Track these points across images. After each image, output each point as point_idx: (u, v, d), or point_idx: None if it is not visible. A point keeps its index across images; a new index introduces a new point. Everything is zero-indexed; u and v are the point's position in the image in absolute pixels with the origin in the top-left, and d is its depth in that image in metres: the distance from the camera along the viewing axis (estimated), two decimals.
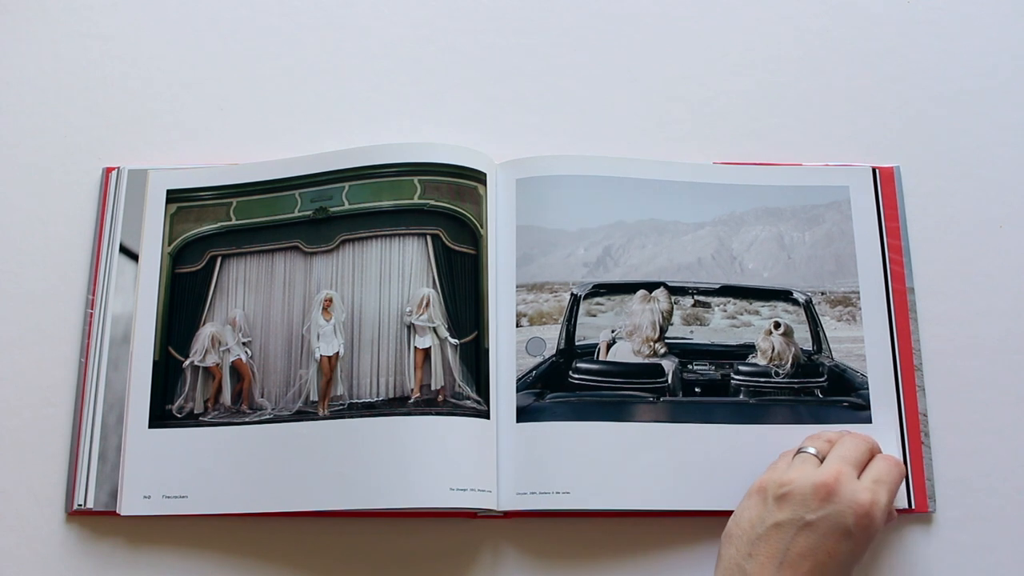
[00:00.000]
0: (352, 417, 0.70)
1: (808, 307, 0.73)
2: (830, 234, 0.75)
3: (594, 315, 0.74)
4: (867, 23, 0.83)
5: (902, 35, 0.82)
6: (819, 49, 0.82)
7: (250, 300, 0.75)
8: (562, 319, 0.73)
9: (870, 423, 0.70)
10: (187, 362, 0.74)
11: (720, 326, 0.73)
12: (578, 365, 0.72)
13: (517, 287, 0.73)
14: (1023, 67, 0.81)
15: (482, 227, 0.74)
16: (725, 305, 0.74)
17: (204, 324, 0.75)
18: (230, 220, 0.76)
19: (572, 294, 0.74)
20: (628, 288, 0.74)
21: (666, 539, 0.70)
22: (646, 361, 0.73)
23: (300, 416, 0.71)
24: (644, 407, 0.71)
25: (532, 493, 0.69)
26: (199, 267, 0.76)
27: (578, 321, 0.73)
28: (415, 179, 0.74)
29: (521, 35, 0.83)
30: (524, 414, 0.70)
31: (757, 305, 0.74)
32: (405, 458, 0.68)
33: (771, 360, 0.72)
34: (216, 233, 0.76)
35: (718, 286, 0.74)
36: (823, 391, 0.72)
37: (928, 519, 0.70)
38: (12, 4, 0.84)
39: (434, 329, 0.72)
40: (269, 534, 0.71)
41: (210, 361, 0.74)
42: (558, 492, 0.68)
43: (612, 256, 0.75)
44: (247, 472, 0.70)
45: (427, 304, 0.72)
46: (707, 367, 0.72)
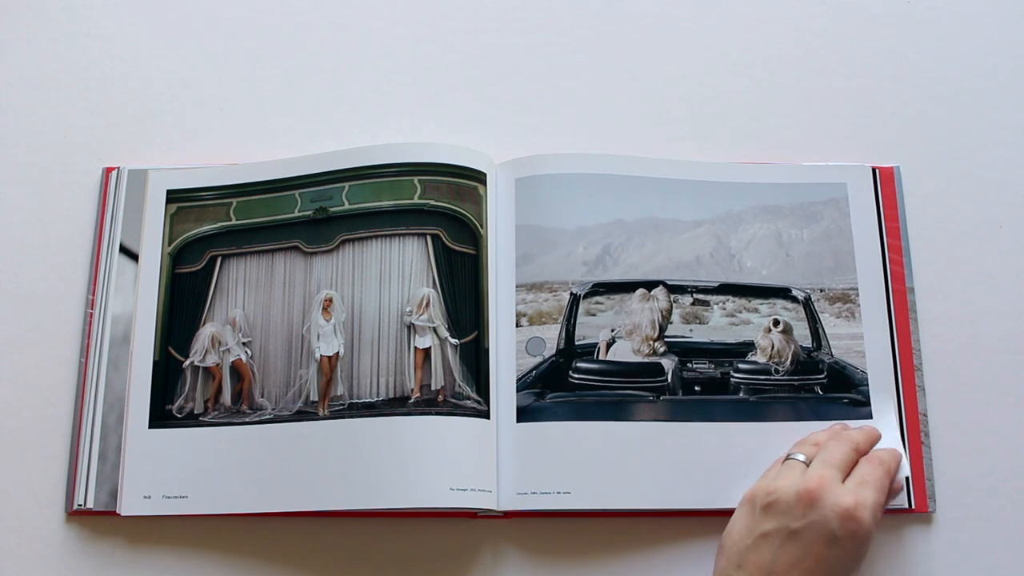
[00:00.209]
0: (352, 417, 0.70)
1: (807, 304, 0.73)
2: (828, 231, 0.75)
3: (594, 314, 0.74)
4: (867, 23, 0.83)
5: (902, 35, 0.82)
6: (819, 49, 0.82)
7: (250, 300, 0.75)
8: (562, 319, 0.73)
9: (871, 419, 0.70)
10: (187, 362, 0.74)
11: (719, 324, 0.73)
12: (578, 365, 0.72)
13: (517, 287, 0.73)
14: (1023, 67, 0.81)
15: (482, 227, 0.74)
16: (724, 303, 0.74)
17: (204, 324, 0.75)
18: (230, 220, 0.76)
19: (572, 293, 0.74)
20: (627, 287, 0.74)
21: (666, 539, 0.70)
22: (646, 360, 0.73)
23: (300, 416, 0.71)
24: (644, 406, 0.71)
25: (532, 493, 0.69)
26: (199, 267, 0.76)
27: (578, 320, 0.73)
28: (415, 179, 0.74)
29: (521, 35, 0.83)
30: (524, 414, 0.70)
31: (756, 303, 0.74)
32: (405, 458, 0.67)
33: (771, 357, 0.72)
34: (216, 233, 0.76)
35: (717, 284, 0.74)
36: (823, 388, 0.72)
37: (928, 519, 0.70)
38: (12, 4, 0.84)
39: (434, 329, 0.72)
40: (269, 534, 0.71)
41: (210, 361, 0.74)
42: (558, 492, 0.68)
43: (611, 255, 0.75)
44: (247, 472, 0.70)
45: (427, 304, 0.72)
46: (707, 365, 0.72)
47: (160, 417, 0.72)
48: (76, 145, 0.80)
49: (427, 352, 0.72)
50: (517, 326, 0.73)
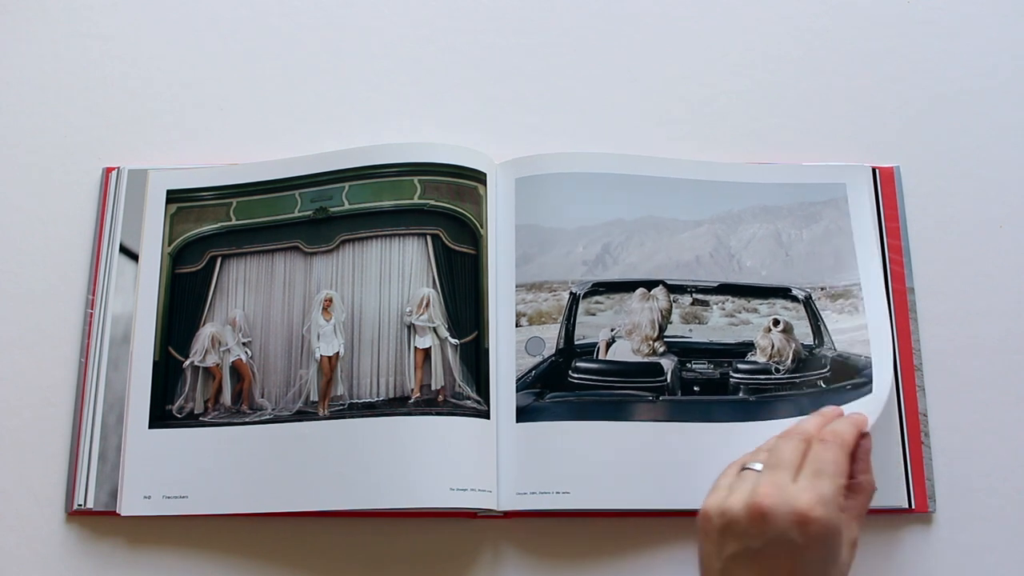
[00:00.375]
0: (352, 417, 0.70)
1: (808, 303, 0.73)
2: (828, 231, 0.75)
3: (593, 314, 0.74)
4: (867, 23, 0.83)
5: (902, 35, 0.82)
6: (819, 49, 0.82)
7: (250, 300, 0.75)
8: (561, 318, 0.73)
9: (871, 393, 0.69)
10: (187, 362, 0.74)
11: (719, 324, 0.73)
12: (577, 364, 0.72)
13: (517, 287, 0.73)
14: (1023, 67, 0.81)
15: (482, 227, 0.74)
16: (723, 303, 0.74)
17: (204, 324, 0.75)
18: (230, 220, 0.76)
19: (571, 293, 0.73)
20: (627, 286, 0.74)
21: (666, 539, 0.70)
22: (645, 360, 0.73)
23: (300, 416, 0.71)
24: (644, 406, 0.71)
25: (532, 493, 0.69)
26: (199, 267, 0.76)
27: (577, 320, 0.73)
28: (415, 179, 0.74)
29: (521, 35, 0.83)
30: (524, 414, 0.70)
31: (755, 303, 0.74)
32: (405, 458, 0.67)
33: (771, 357, 0.72)
34: (216, 233, 0.76)
35: (716, 284, 0.74)
36: (826, 381, 0.71)
37: (928, 519, 0.70)
38: (12, 4, 0.84)
39: (434, 329, 0.72)
40: (269, 534, 0.71)
41: (210, 361, 0.74)
42: (558, 492, 0.68)
43: (611, 254, 0.75)
44: (247, 472, 0.70)
45: (427, 304, 0.72)
46: (706, 366, 0.72)
47: (160, 417, 0.72)
48: (76, 145, 0.80)
49: (427, 352, 0.72)
50: (517, 326, 0.73)
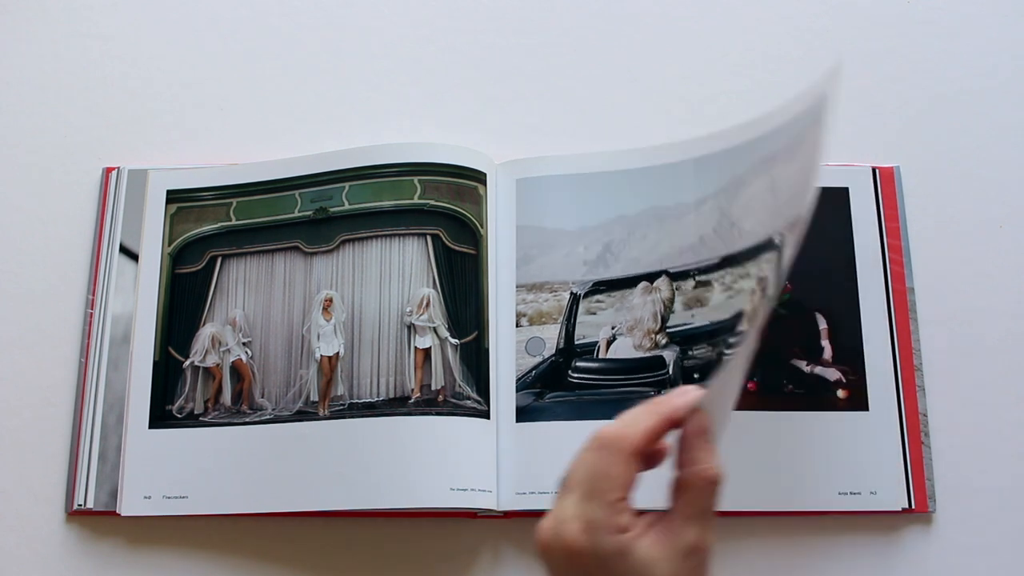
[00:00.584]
0: (352, 417, 0.70)
1: (778, 247, 0.64)
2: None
3: (594, 313, 0.73)
4: (867, 23, 0.83)
5: (902, 35, 0.82)
6: (819, 49, 0.82)
7: (250, 300, 0.75)
8: (561, 318, 0.73)
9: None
10: (187, 362, 0.74)
11: (719, 302, 0.72)
12: (577, 364, 0.72)
13: (517, 287, 0.73)
14: (1023, 67, 0.81)
15: (482, 227, 0.74)
16: (724, 278, 0.72)
17: (204, 324, 0.75)
18: (230, 220, 0.76)
19: (572, 293, 0.73)
20: (629, 282, 0.73)
21: None
22: (647, 355, 0.72)
23: (300, 416, 0.71)
24: None
25: (532, 493, 0.69)
26: (199, 267, 0.76)
27: (578, 320, 0.73)
28: (415, 179, 0.74)
29: (521, 35, 0.83)
30: (524, 414, 0.70)
31: (748, 267, 0.71)
32: (405, 458, 0.67)
33: (751, 322, 0.67)
34: (216, 233, 0.76)
35: (719, 259, 0.72)
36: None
37: (928, 519, 0.70)
38: (12, 4, 0.84)
39: (434, 329, 0.72)
40: (269, 534, 0.71)
41: (210, 361, 0.74)
42: (558, 492, 0.68)
43: (612, 252, 0.74)
44: (247, 472, 0.70)
45: (427, 304, 0.72)
46: (705, 349, 0.72)
47: (160, 417, 0.72)
48: (76, 145, 0.80)
49: (427, 352, 0.72)
50: (517, 326, 0.73)
